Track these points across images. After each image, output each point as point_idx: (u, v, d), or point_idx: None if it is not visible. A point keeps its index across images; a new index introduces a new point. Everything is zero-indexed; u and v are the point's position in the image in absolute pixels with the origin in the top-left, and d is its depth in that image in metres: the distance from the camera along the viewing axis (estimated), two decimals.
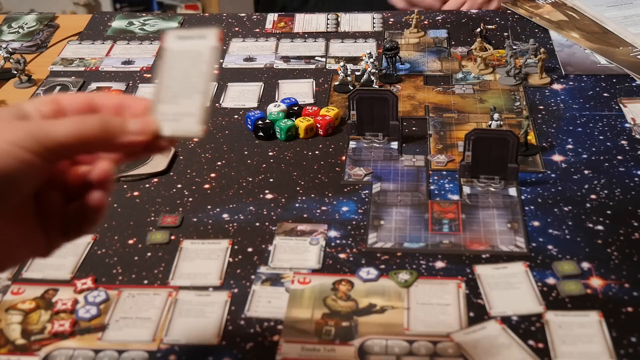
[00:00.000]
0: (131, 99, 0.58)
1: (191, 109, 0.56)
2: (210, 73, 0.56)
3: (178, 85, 0.56)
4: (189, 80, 0.56)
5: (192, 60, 0.57)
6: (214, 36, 0.57)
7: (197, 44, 0.57)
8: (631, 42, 1.27)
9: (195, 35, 0.58)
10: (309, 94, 1.18)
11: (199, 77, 0.56)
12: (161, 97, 0.56)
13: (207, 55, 0.57)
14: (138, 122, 0.56)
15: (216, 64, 0.56)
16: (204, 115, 0.56)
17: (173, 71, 0.57)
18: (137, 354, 0.73)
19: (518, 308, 0.76)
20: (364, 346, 0.73)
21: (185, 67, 0.57)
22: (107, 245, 0.88)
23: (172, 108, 0.56)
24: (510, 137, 0.92)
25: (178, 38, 0.58)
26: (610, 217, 0.88)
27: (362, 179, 0.97)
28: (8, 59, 1.25)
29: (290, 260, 0.84)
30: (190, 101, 0.56)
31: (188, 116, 0.55)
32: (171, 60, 0.57)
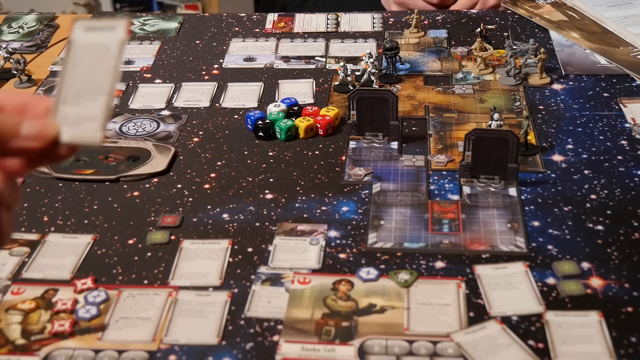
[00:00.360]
0: (34, 99, 0.54)
1: (93, 112, 0.51)
2: (116, 71, 0.52)
3: (82, 83, 0.52)
4: (93, 78, 0.52)
5: (98, 55, 0.52)
6: (123, 28, 0.53)
7: (104, 37, 0.53)
8: (631, 42, 1.27)
9: (104, 27, 0.53)
10: (309, 94, 1.18)
11: (105, 75, 0.52)
12: (63, 96, 0.52)
13: (115, 51, 0.52)
14: (34, 125, 0.51)
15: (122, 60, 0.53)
16: (106, 121, 0.51)
17: (78, 67, 0.53)
18: (137, 354, 0.73)
19: (518, 308, 0.76)
20: (364, 346, 0.73)
21: (90, 62, 0.52)
22: (107, 245, 0.88)
23: (74, 110, 0.51)
24: (510, 137, 0.92)
25: (86, 29, 0.53)
26: (610, 217, 0.88)
27: (362, 179, 0.97)
28: (8, 59, 1.25)
29: (290, 260, 0.84)
30: (93, 103, 0.51)
31: (89, 121, 0.51)
32: (77, 54, 0.53)
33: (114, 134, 1.09)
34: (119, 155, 1.02)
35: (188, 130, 1.09)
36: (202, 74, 1.25)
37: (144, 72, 1.26)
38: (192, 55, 1.31)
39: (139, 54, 1.32)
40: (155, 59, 1.30)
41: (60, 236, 0.89)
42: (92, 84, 0.52)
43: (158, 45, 1.35)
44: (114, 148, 1.04)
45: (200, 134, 1.08)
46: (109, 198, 0.95)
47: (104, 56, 0.52)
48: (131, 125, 1.11)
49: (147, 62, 1.29)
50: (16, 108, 0.53)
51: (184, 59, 1.30)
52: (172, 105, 1.16)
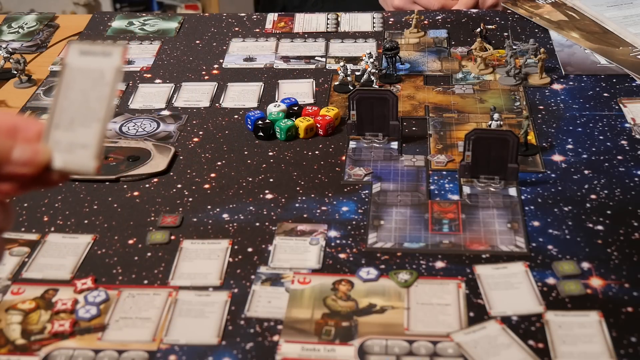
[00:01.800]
0: (25, 121, 0.52)
1: (87, 139, 0.50)
2: (111, 98, 0.51)
3: (76, 109, 0.51)
4: (87, 104, 0.51)
5: (93, 80, 0.51)
6: (120, 55, 0.52)
7: (100, 62, 0.52)
8: (631, 42, 1.27)
9: (100, 52, 0.52)
10: (309, 94, 1.18)
11: (99, 102, 0.51)
12: (56, 121, 0.51)
13: (110, 77, 0.51)
14: (26, 149, 0.50)
15: (120, 85, 0.51)
16: (100, 149, 0.50)
17: (72, 92, 0.52)
18: (137, 354, 0.73)
19: (518, 308, 0.76)
20: (364, 346, 0.73)
21: (85, 88, 0.51)
22: (107, 245, 0.88)
23: (67, 136, 0.50)
24: (510, 137, 0.92)
25: (80, 53, 0.52)
26: (610, 217, 0.88)
27: (362, 179, 0.97)
28: (8, 59, 1.25)
29: (290, 260, 0.84)
30: (87, 130, 0.50)
31: (83, 148, 0.50)
32: (71, 79, 0.52)
33: (114, 134, 1.09)
34: (119, 155, 1.02)
35: (188, 130, 1.09)
36: (202, 74, 1.25)
37: (144, 72, 1.26)
38: (192, 55, 1.31)
39: (139, 54, 1.32)
40: (155, 59, 1.30)
41: (60, 236, 0.89)
42: (86, 110, 0.51)
43: (158, 45, 1.35)
44: (114, 148, 1.04)
45: (200, 134, 1.08)
46: (109, 198, 0.95)
47: (98, 82, 0.51)
48: (131, 125, 1.11)
49: (147, 62, 1.29)
50: (7, 130, 0.52)
51: (184, 59, 1.30)
52: (172, 105, 1.16)
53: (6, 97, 1.21)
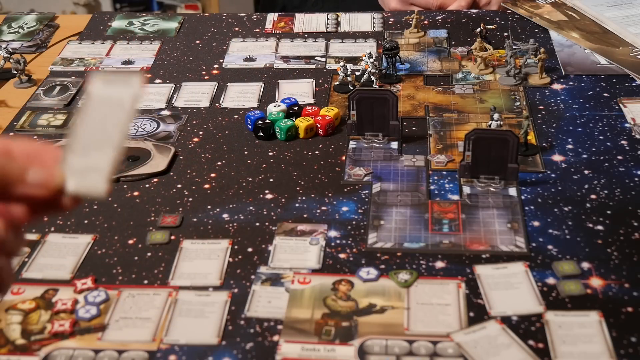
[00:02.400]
0: (44, 148, 0.54)
1: (100, 163, 0.52)
2: (127, 124, 0.53)
3: (92, 135, 0.53)
4: (104, 130, 0.53)
5: (112, 107, 0.53)
6: (138, 83, 0.54)
7: (120, 91, 0.54)
8: (631, 42, 1.27)
9: (120, 81, 0.54)
10: (309, 94, 1.18)
11: (115, 127, 0.53)
12: (73, 147, 0.53)
13: (128, 104, 0.53)
14: (40, 172, 0.51)
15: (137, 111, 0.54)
16: (111, 173, 0.52)
17: (91, 119, 0.53)
18: (137, 354, 0.73)
19: (518, 308, 0.76)
20: (364, 346, 0.73)
21: (103, 115, 0.53)
22: (107, 245, 0.88)
23: (82, 161, 0.52)
24: (510, 137, 0.92)
25: (103, 83, 0.55)
26: (610, 217, 0.88)
27: (362, 179, 0.97)
28: (8, 59, 1.25)
29: (290, 260, 0.84)
30: (100, 155, 0.52)
31: (95, 172, 0.52)
32: (92, 107, 0.54)
33: None
34: None
35: (188, 130, 1.09)
36: (202, 74, 1.25)
37: (144, 72, 1.26)
38: (192, 55, 1.31)
39: (139, 54, 1.32)
40: (155, 59, 1.30)
41: (60, 236, 0.89)
42: (102, 135, 0.53)
43: (158, 45, 1.35)
44: None
45: (200, 134, 1.08)
46: (109, 198, 0.95)
47: (116, 109, 0.53)
48: (131, 125, 1.10)
49: (147, 62, 1.29)
50: (26, 155, 0.53)
51: (184, 59, 1.30)
52: (172, 105, 1.16)
53: (6, 97, 1.21)
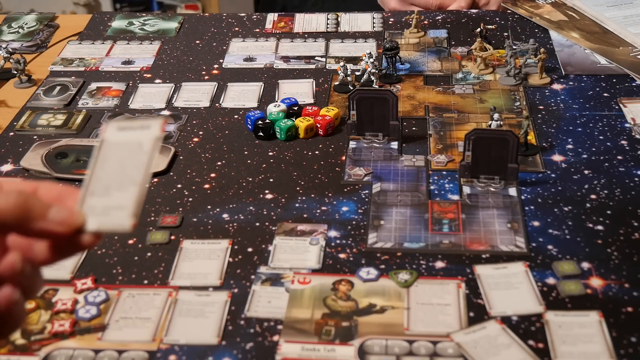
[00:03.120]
0: (68, 190, 0.55)
1: (124, 201, 0.52)
2: (150, 164, 0.53)
3: (112, 177, 0.53)
4: (124, 172, 0.53)
5: (131, 151, 0.53)
6: (158, 126, 0.53)
7: (138, 135, 0.53)
8: (631, 42, 1.27)
9: (138, 126, 0.54)
10: (309, 94, 1.18)
11: (137, 168, 0.52)
12: (92, 189, 0.53)
13: (149, 146, 0.53)
14: (62, 210, 0.52)
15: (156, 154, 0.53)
16: (137, 209, 0.51)
17: (108, 163, 0.53)
18: (137, 354, 0.73)
19: (518, 308, 0.76)
20: (364, 346, 0.73)
21: (122, 158, 0.53)
22: (107, 245, 0.88)
23: (102, 201, 0.52)
24: (510, 137, 0.92)
25: (118, 129, 0.54)
26: (610, 217, 0.88)
27: (362, 179, 0.97)
28: (8, 59, 1.25)
29: (290, 260, 0.84)
30: (124, 194, 0.52)
31: (119, 210, 0.52)
32: (108, 152, 0.54)
33: None
34: None
35: (188, 130, 1.09)
36: (202, 74, 1.25)
37: (144, 72, 1.26)
38: (192, 55, 1.31)
39: (139, 54, 1.32)
40: (155, 59, 1.30)
41: None
42: (122, 177, 0.53)
43: (158, 45, 1.35)
44: None
45: (200, 134, 1.08)
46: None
47: (136, 152, 0.53)
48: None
49: (147, 62, 1.29)
50: (50, 195, 0.55)
51: (184, 59, 1.30)
52: (172, 105, 1.16)
53: (6, 97, 1.21)
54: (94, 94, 1.19)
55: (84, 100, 1.18)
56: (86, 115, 1.13)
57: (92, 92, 1.20)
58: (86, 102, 1.17)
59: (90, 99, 1.18)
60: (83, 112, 1.14)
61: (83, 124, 1.11)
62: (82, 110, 1.15)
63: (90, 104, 1.17)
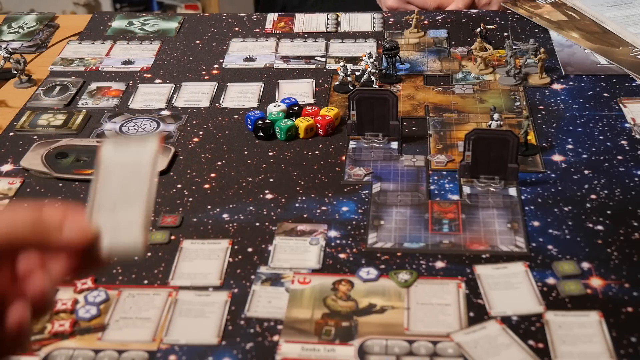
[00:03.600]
0: (73, 210, 0.54)
1: (132, 218, 0.52)
2: (152, 180, 0.53)
3: (117, 194, 0.53)
4: (128, 189, 0.53)
5: (131, 170, 0.53)
6: (155, 143, 0.54)
7: (136, 153, 0.54)
8: (631, 42, 1.27)
9: (134, 145, 0.54)
10: (309, 94, 1.18)
11: (140, 186, 0.53)
12: (97, 205, 0.53)
13: (148, 164, 0.53)
14: (76, 222, 0.52)
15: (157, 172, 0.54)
16: (146, 227, 0.52)
17: (111, 182, 0.53)
18: (137, 354, 0.73)
19: (518, 308, 0.76)
20: (364, 346, 0.73)
21: (124, 176, 0.53)
22: None
23: (111, 217, 0.52)
24: (510, 137, 0.92)
25: (115, 148, 0.54)
26: (610, 217, 0.88)
27: (362, 179, 0.97)
28: (8, 59, 1.25)
29: (290, 260, 0.84)
30: (130, 210, 0.52)
31: (128, 227, 0.52)
32: (107, 173, 0.54)
33: (114, 134, 1.09)
34: None
35: (188, 130, 1.09)
36: (202, 74, 1.25)
37: (144, 72, 1.26)
38: (192, 55, 1.31)
39: (139, 54, 1.32)
40: (155, 59, 1.30)
41: None
42: (127, 194, 0.53)
43: (158, 45, 1.35)
44: None
45: (200, 134, 1.08)
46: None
47: (137, 169, 0.53)
48: (131, 125, 1.11)
49: (147, 62, 1.29)
50: (55, 215, 0.54)
51: (184, 59, 1.30)
52: (172, 105, 1.16)
53: (6, 97, 1.21)
54: (94, 94, 1.19)
55: (84, 100, 1.18)
56: (86, 115, 1.13)
57: (92, 92, 1.20)
58: (86, 102, 1.17)
59: (90, 99, 1.18)
60: (83, 112, 1.14)
61: (83, 124, 1.11)
62: (82, 110, 1.15)
63: (90, 104, 1.17)
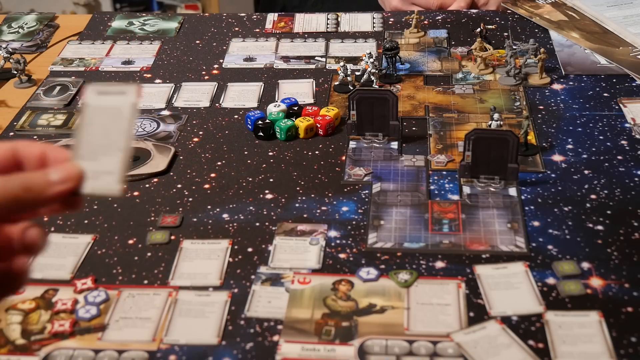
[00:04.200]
0: (53, 149, 0.57)
1: (111, 166, 0.55)
2: (130, 130, 0.56)
3: (98, 141, 0.56)
4: (108, 137, 0.56)
5: (112, 117, 0.57)
6: (134, 93, 0.57)
7: (116, 100, 0.57)
8: (631, 42, 1.27)
9: (115, 92, 0.57)
10: (309, 94, 1.18)
11: (119, 134, 0.56)
12: (80, 152, 0.56)
13: (127, 112, 0.56)
14: (60, 169, 0.54)
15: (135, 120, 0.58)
16: (124, 174, 0.55)
17: (93, 127, 0.57)
18: (137, 354, 0.73)
19: (518, 308, 0.76)
20: (364, 346, 0.73)
21: (105, 123, 0.56)
22: (107, 245, 0.88)
23: (92, 165, 0.55)
24: (510, 137, 0.92)
25: (98, 93, 0.58)
26: (610, 217, 0.88)
27: (362, 179, 0.97)
28: (8, 59, 1.25)
29: (290, 260, 0.84)
30: (110, 159, 0.55)
31: (108, 174, 0.55)
32: (90, 116, 0.57)
33: None
34: None
35: (188, 130, 1.09)
36: (202, 74, 1.25)
37: (144, 72, 1.26)
38: (192, 55, 1.31)
39: (139, 54, 1.32)
40: (155, 59, 1.30)
41: (60, 236, 0.89)
42: (107, 142, 0.56)
43: (158, 45, 1.35)
44: None
45: (200, 134, 1.08)
46: (109, 198, 0.95)
47: (117, 117, 0.56)
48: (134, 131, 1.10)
49: (147, 62, 1.29)
50: (37, 158, 0.56)
51: (184, 59, 1.30)
52: (172, 105, 1.16)
53: (6, 97, 1.21)
54: None
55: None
56: None
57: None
58: None
59: None
60: None
61: None
62: None
63: None
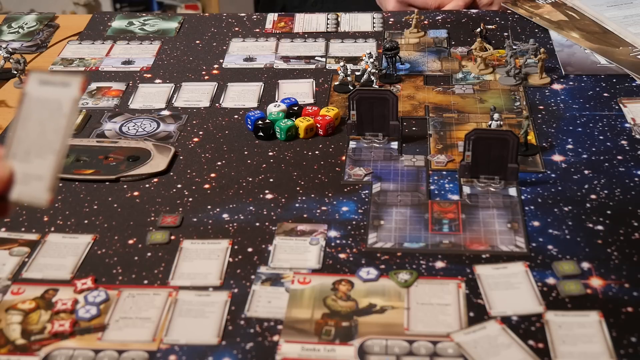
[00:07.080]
0: None
1: (41, 171, 0.51)
2: (68, 129, 0.52)
3: (32, 140, 0.52)
4: (44, 135, 0.52)
5: (50, 111, 0.52)
6: (78, 85, 0.52)
7: (58, 93, 0.52)
8: (631, 42, 1.27)
9: (59, 82, 0.53)
10: (309, 94, 1.18)
11: (56, 133, 0.52)
12: (13, 151, 0.52)
13: (67, 108, 0.52)
14: None
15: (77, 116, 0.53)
16: (55, 181, 0.51)
17: (30, 122, 0.52)
18: (137, 354, 0.73)
19: (518, 308, 0.76)
20: (364, 346, 0.73)
21: (42, 118, 0.52)
22: (107, 245, 0.88)
23: (23, 167, 0.52)
24: (510, 137, 0.92)
25: (40, 83, 0.53)
26: (610, 217, 0.88)
27: (362, 179, 0.97)
28: (8, 59, 1.25)
29: (290, 260, 0.84)
30: (42, 162, 0.51)
31: (37, 180, 0.51)
32: (29, 108, 0.53)
33: (114, 134, 1.09)
34: (119, 155, 1.02)
35: (188, 130, 1.09)
36: (202, 74, 1.25)
37: (144, 72, 1.26)
38: (192, 55, 1.31)
39: (139, 54, 1.32)
40: (155, 59, 1.30)
41: (60, 236, 0.89)
42: (42, 141, 0.52)
43: (158, 45, 1.35)
44: (114, 148, 1.04)
45: (200, 134, 1.08)
46: (109, 198, 0.95)
47: (56, 113, 0.52)
48: (131, 125, 1.11)
49: (147, 62, 1.29)
50: None
51: (184, 59, 1.30)
52: (172, 105, 1.16)
53: (6, 97, 1.21)
54: (94, 94, 1.19)
55: (83, 100, 1.18)
56: (86, 115, 1.13)
57: (92, 92, 1.20)
58: (86, 102, 1.17)
59: (90, 99, 1.18)
60: (83, 112, 1.14)
61: (83, 124, 1.11)
62: (82, 110, 1.14)
63: (90, 104, 1.17)
